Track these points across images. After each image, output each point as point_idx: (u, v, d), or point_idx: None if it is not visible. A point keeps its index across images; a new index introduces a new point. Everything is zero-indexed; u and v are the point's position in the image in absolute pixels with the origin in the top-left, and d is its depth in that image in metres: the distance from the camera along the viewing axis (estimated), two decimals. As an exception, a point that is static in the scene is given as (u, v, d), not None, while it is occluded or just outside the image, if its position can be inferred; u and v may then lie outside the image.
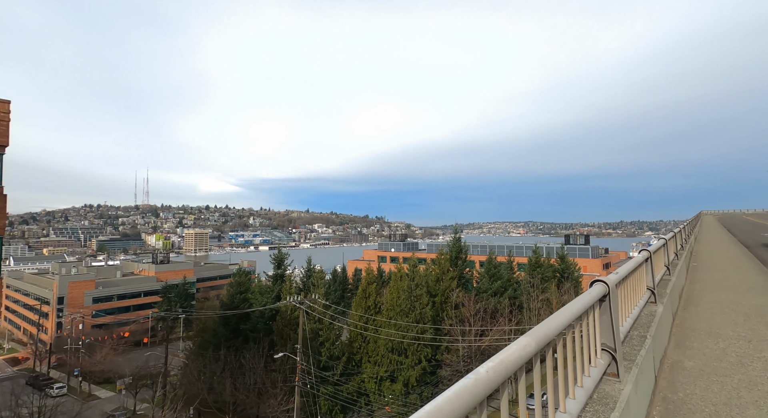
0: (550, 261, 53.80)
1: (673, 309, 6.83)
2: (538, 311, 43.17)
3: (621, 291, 4.06)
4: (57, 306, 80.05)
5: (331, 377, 32.44)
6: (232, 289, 44.73)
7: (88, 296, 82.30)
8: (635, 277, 4.85)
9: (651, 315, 5.14)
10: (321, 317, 33.18)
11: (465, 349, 32.45)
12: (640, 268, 5.17)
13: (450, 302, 34.90)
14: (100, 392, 54.19)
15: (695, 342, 5.76)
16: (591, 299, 2.88)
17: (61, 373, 63.04)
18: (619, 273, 3.85)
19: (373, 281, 37.51)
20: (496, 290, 41.83)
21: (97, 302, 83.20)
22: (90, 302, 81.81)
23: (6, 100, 15.39)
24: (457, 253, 40.71)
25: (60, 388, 54.93)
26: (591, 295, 2.94)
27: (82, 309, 78.18)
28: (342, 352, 33.97)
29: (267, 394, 31.20)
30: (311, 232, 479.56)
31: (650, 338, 4.22)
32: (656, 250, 6.68)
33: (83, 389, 55.43)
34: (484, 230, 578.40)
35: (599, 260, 75.26)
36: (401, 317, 31.79)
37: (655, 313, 5.24)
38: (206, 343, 42.55)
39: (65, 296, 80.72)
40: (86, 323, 73.65)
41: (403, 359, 31.72)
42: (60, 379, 60.34)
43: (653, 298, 5.74)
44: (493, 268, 42.53)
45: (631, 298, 4.55)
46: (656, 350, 4.58)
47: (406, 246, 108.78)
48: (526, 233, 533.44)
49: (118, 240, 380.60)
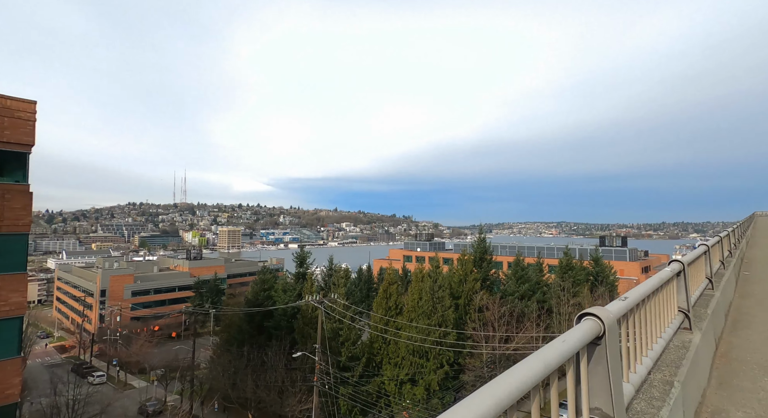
0: (582, 263, 51.15)
1: (715, 334, 5.48)
2: (568, 316, 41.06)
3: (637, 319, 3.13)
4: (100, 298, 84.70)
5: (351, 377, 32.10)
6: (256, 286, 45.45)
7: (128, 289, 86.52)
8: (659, 299, 3.76)
9: (683, 347, 3.97)
10: (341, 318, 32.93)
11: (489, 354, 31.19)
12: (667, 286, 3.98)
13: (473, 305, 33.68)
14: (136, 382, 56.70)
15: (745, 380, 4.31)
16: (575, 345, 1.92)
17: (102, 362, 66.67)
18: (627, 299, 2.83)
19: (394, 282, 36.84)
20: (523, 293, 40.10)
21: (136, 296, 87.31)
22: (129, 295, 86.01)
23: (32, 101, 15.95)
24: (481, 254, 39.30)
25: (100, 376, 57.98)
26: (574, 338, 1.96)
27: (121, 302, 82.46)
28: (362, 352, 33.58)
29: (287, 392, 31.32)
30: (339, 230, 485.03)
31: (679, 385, 3.11)
32: (693, 260, 5.40)
33: (120, 379, 58.26)
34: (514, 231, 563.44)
35: (637, 263, 70.89)
36: (423, 319, 30.98)
37: (689, 344, 4.08)
38: (232, 339, 43.44)
39: (107, 289, 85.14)
40: (124, 315, 77.53)
41: (424, 362, 30.90)
42: (101, 368, 63.79)
43: (687, 323, 4.51)
44: (521, 270, 40.76)
45: (652, 327, 3.56)
46: (689, 398, 3.43)
47: (433, 246, 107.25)
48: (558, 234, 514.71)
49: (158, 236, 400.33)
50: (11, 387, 15.20)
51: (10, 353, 15.28)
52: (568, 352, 1.81)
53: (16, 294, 15.25)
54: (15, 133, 15.50)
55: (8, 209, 15.24)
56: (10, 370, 15.27)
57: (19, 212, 15.42)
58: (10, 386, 15.19)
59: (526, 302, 38.04)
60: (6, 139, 15.31)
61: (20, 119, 15.54)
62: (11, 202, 15.32)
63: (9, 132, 15.36)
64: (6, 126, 15.27)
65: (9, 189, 15.42)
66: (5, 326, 15.14)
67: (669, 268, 4.11)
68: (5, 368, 15.14)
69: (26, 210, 15.55)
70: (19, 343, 15.64)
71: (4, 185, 15.38)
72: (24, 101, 15.65)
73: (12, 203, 15.38)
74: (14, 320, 15.28)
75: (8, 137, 15.32)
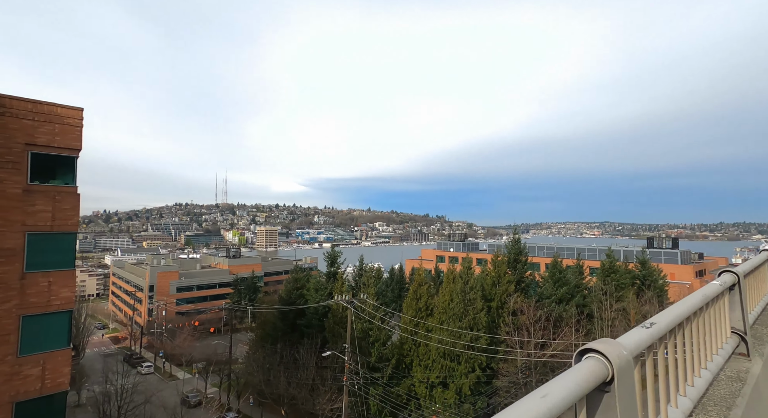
0: (627, 266, 48.05)
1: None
2: (611, 321, 38.70)
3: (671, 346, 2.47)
4: (148, 293, 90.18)
5: (380, 378, 31.97)
6: (289, 285, 46.44)
7: (173, 285, 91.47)
8: (704, 319, 2.97)
9: (737, 379, 3.10)
10: (371, 319, 32.88)
11: (523, 360, 29.94)
12: (716, 304, 3.15)
13: (507, 308, 32.48)
14: (180, 374, 59.73)
15: None
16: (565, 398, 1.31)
17: (150, 353, 70.94)
18: (654, 326, 2.16)
19: (424, 282, 36.31)
20: (561, 296, 38.21)
21: (180, 291, 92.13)
22: (174, 290, 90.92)
23: (79, 108, 17.04)
24: (516, 255, 37.86)
25: (148, 366, 61.66)
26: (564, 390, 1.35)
27: (167, 297, 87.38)
28: (392, 354, 33.35)
29: (318, 391, 31.71)
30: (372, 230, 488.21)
31: None
32: (752, 270, 4.31)
33: (166, 370, 61.66)
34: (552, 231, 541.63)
35: (691, 266, 65.66)
36: (453, 322, 30.26)
37: (745, 375, 3.19)
38: (266, 335, 44.65)
39: (155, 285, 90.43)
40: (169, 309, 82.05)
41: (455, 366, 30.18)
42: (149, 358, 67.88)
43: (743, 347, 3.57)
44: (558, 272, 38.88)
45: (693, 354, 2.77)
46: None
47: (466, 246, 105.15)
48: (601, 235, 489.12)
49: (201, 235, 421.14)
50: (62, 376, 16.34)
51: (61, 344, 16.43)
52: (554, 410, 1.22)
53: (66, 289, 16.38)
54: (64, 139, 16.64)
55: (59, 210, 16.38)
56: (61, 360, 16.41)
57: (68, 212, 16.55)
58: (60, 375, 16.33)
59: (564, 306, 36.20)
60: (57, 144, 16.47)
61: (69, 125, 16.67)
62: (61, 203, 16.47)
63: (59, 138, 16.51)
64: (56, 132, 16.43)
65: (60, 191, 16.58)
66: (56, 319, 16.30)
67: (718, 281, 3.36)
68: (56, 358, 16.30)
69: (74, 211, 16.66)
70: (69, 335, 16.77)
71: (55, 188, 16.55)
72: (72, 108, 16.78)
73: (62, 204, 16.53)
74: (64, 313, 16.41)
75: (58, 143, 16.47)
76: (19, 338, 15.44)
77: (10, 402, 15.36)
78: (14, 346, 15.39)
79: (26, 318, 15.62)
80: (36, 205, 15.90)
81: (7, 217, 15.35)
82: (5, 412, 15.28)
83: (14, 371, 15.41)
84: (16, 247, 15.52)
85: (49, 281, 16.02)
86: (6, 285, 15.26)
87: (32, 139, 15.88)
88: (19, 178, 15.65)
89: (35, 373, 15.79)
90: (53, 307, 15.93)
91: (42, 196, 16.03)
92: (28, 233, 15.73)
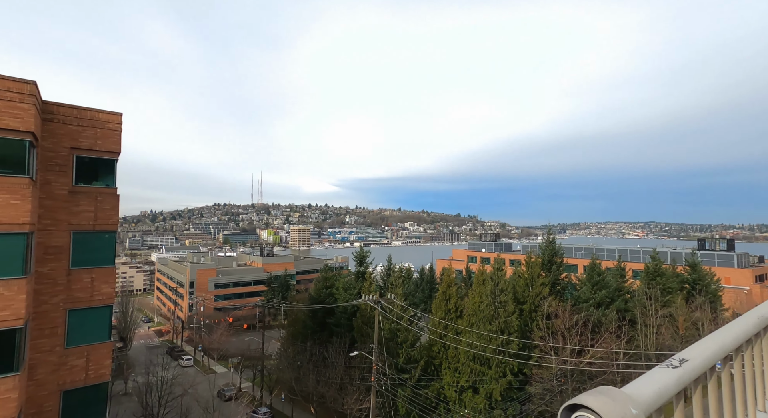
0: (676, 269, 44.85)
1: None
2: (656, 328, 36.24)
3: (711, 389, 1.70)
4: (189, 289, 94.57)
5: (408, 380, 31.61)
6: (319, 284, 47.02)
7: (211, 282, 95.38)
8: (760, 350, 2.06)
9: None
10: (398, 320, 32.60)
11: (558, 366, 28.57)
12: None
13: (541, 312, 31.12)
14: (217, 367, 62.12)
15: None
16: None
17: (190, 346, 74.36)
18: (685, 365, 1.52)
19: (453, 283, 35.56)
20: (600, 300, 36.22)
21: (218, 288, 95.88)
22: (212, 287, 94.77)
23: (118, 113, 17.94)
24: (550, 256, 36.25)
25: (188, 359, 64.55)
26: None
27: (205, 293, 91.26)
28: (420, 355, 32.91)
29: (346, 390, 31.84)
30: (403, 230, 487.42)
31: None
32: None
33: (204, 363, 64.36)
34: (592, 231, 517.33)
35: (749, 270, 60.30)
36: (483, 325, 29.37)
37: None
38: (297, 333, 45.44)
39: (195, 281, 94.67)
40: (207, 305, 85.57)
41: (485, 370, 29.29)
42: (189, 352, 71.16)
43: None
44: (597, 275, 36.86)
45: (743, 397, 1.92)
46: None
47: (499, 246, 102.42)
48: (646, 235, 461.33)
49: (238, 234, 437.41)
50: (104, 367, 17.29)
51: (103, 337, 17.39)
52: None
53: (107, 285, 17.31)
54: (105, 143, 17.58)
55: (100, 210, 17.34)
56: (103, 352, 17.37)
57: (108, 212, 17.48)
58: (102, 367, 17.29)
59: (603, 311, 34.26)
60: (98, 148, 17.43)
61: (109, 130, 17.60)
62: (102, 203, 17.42)
63: (101, 141, 17.47)
64: (98, 136, 17.39)
65: (101, 192, 17.54)
66: (98, 313, 17.26)
67: None
68: (99, 351, 17.27)
69: (114, 210, 17.58)
70: (109, 328, 17.72)
71: (97, 189, 17.52)
72: (112, 113, 17.71)
73: (103, 205, 17.48)
74: (105, 308, 17.36)
75: (100, 146, 17.43)
76: (66, 331, 16.47)
77: (58, 390, 16.41)
78: (62, 338, 16.43)
79: (72, 312, 16.64)
80: (80, 205, 16.90)
81: (55, 216, 16.42)
82: (54, 399, 16.35)
83: (62, 362, 16.45)
84: (63, 245, 16.56)
85: (91, 277, 16.99)
86: (54, 281, 16.32)
87: (77, 143, 16.90)
88: (65, 180, 16.70)
89: (80, 364, 16.79)
90: (96, 302, 16.88)
91: (85, 197, 17.02)
92: (74, 231, 16.75)
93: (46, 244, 16.19)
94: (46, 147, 16.35)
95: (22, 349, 14.15)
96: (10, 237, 13.62)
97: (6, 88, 13.63)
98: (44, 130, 16.25)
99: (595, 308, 35.47)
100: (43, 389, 16.11)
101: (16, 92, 13.78)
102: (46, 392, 16.15)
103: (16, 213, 13.70)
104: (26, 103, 13.96)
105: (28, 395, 15.72)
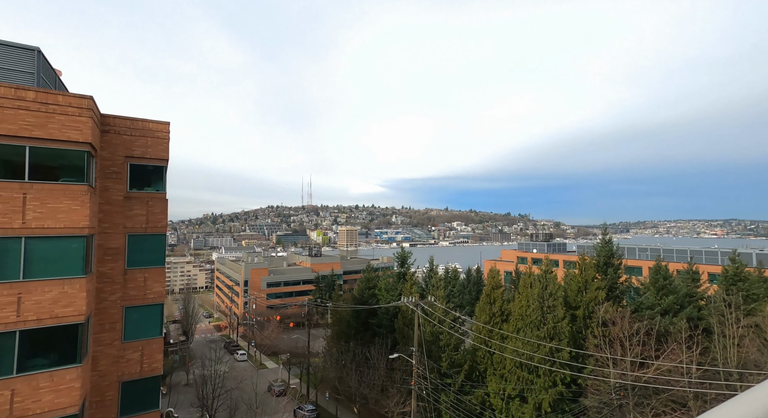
0: (762, 273, 39.37)
1: None
2: (738, 339, 31.97)
3: None
4: (243, 287, 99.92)
5: (452, 385, 30.62)
6: (362, 284, 47.28)
7: (264, 281, 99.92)
8: None
9: None
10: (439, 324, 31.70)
11: (616, 381, 26.09)
12: None
13: (596, 318, 28.64)
14: (269, 363, 64.89)
15: None
16: None
17: (245, 342, 78.43)
18: None
19: (499, 286, 33.94)
20: (667, 306, 32.65)
21: (270, 287, 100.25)
22: (264, 286, 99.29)
23: (166, 122, 19.10)
24: (606, 257, 33.30)
25: (242, 354, 68.03)
26: None
27: (258, 291, 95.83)
28: (464, 360, 31.76)
29: (387, 392, 31.56)
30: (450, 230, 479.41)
31: None
32: None
33: (256, 358, 67.50)
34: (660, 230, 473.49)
35: None
36: (530, 330, 27.64)
37: None
38: (341, 333, 46.05)
39: (249, 280, 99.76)
40: (260, 303, 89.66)
41: (533, 378, 27.55)
42: (244, 347, 75.07)
43: None
44: (663, 278, 33.25)
45: None
46: None
47: (551, 247, 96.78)
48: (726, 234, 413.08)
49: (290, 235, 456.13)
50: (156, 361, 18.49)
51: (155, 333, 18.63)
52: None
53: (158, 284, 18.49)
54: (155, 151, 18.80)
55: (151, 214, 18.57)
56: (155, 347, 18.58)
57: (158, 215, 18.68)
58: (155, 361, 18.49)
59: (671, 319, 30.81)
60: (149, 156, 18.68)
61: (158, 138, 18.81)
62: (153, 207, 18.64)
63: (151, 150, 18.70)
64: (149, 145, 18.64)
65: (152, 197, 18.78)
66: (151, 311, 18.50)
67: None
68: (152, 345, 18.50)
69: (163, 214, 18.74)
70: (161, 325, 18.90)
71: (149, 194, 18.79)
72: (160, 123, 18.93)
73: (154, 209, 18.70)
74: (157, 306, 18.57)
75: (151, 154, 18.66)
76: (123, 326, 17.81)
77: (117, 381, 17.79)
78: (119, 333, 17.79)
79: (128, 309, 17.96)
80: (134, 209, 18.21)
81: (112, 220, 17.83)
82: (114, 389, 17.74)
83: (120, 355, 17.81)
84: (119, 246, 17.93)
85: (144, 277, 18.24)
86: (112, 280, 17.72)
87: (130, 151, 18.24)
88: (120, 187, 18.08)
89: (136, 357, 18.07)
90: (149, 300, 18.10)
91: (138, 202, 18.32)
92: (128, 234, 18.08)
93: (105, 246, 17.62)
94: (103, 156, 17.80)
95: (84, 342, 15.45)
96: (72, 240, 14.93)
97: (67, 104, 14.96)
98: (102, 140, 17.70)
99: (661, 315, 32.05)
100: (105, 380, 17.52)
101: (75, 107, 15.09)
102: (108, 382, 17.55)
103: (77, 217, 14.99)
104: (84, 116, 15.24)
105: (93, 384, 17.18)
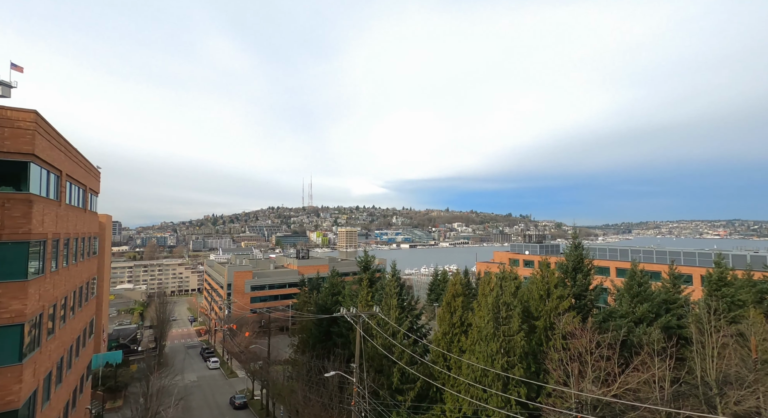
0: (751, 275, 36.45)
1: None
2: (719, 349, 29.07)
3: None
4: (227, 291, 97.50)
5: (404, 402, 27.96)
6: (326, 290, 44.69)
7: (247, 284, 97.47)
8: None
9: None
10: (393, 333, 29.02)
11: (577, 397, 23.35)
12: None
13: (557, 330, 25.88)
14: (240, 371, 62.27)
15: None
16: None
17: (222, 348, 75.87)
18: None
19: (459, 294, 31.23)
20: (642, 315, 29.85)
21: (254, 290, 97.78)
22: (248, 289, 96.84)
23: (30, 110, 16.58)
24: (576, 262, 30.54)
25: (215, 362, 65.39)
26: None
27: (242, 295, 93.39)
28: (417, 375, 29.07)
29: (329, 411, 28.85)
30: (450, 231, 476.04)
31: None
32: None
33: (229, 366, 64.93)
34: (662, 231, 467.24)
35: None
36: (484, 343, 24.96)
37: None
38: (306, 341, 43.45)
39: (232, 283, 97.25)
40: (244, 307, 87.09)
41: (486, 396, 24.86)
42: (220, 354, 72.51)
43: None
44: (638, 285, 30.42)
45: None
46: None
47: (544, 248, 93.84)
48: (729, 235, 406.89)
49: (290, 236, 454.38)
50: (11, 394, 15.64)
51: (12, 359, 15.74)
52: None
53: (15, 301, 15.79)
54: (15, 143, 16.29)
55: (8, 218, 16.02)
56: (10, 377, 15.76)
57: (19, 220, 16.12)
58: (9, 393, 15.59)
59: (644, 328, 27.98)
60: (5, 148, 16.16)
61: (20, 129, 16.31)
62: (11, 210, 16.11)
63: (9, 142, 16.19)
64: (6, 136, 16.11)
65: (9, 198, 16.25)
66: (6, 334, 15.90)
67: None
68: (5, 375, 15.81)
69: (26, 218, 16.17)
70: (20, 350, 16.28)
71: (5, 194, 16.25)
72: (23, 111, 16.34)
73: (12, 212, 16.18)
74: (14, 327, 15.70)
75: (8, 147, 16.14)
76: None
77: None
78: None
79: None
80: (-15, 213, 15.62)
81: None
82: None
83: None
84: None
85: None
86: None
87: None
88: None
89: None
90: (3, 320, 15.47)
91: (-10, 204, 15.73)
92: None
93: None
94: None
95: None
96: None
97: None
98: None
99: (635, 324, 29.26)
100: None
101: None
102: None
103: None
104: None
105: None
